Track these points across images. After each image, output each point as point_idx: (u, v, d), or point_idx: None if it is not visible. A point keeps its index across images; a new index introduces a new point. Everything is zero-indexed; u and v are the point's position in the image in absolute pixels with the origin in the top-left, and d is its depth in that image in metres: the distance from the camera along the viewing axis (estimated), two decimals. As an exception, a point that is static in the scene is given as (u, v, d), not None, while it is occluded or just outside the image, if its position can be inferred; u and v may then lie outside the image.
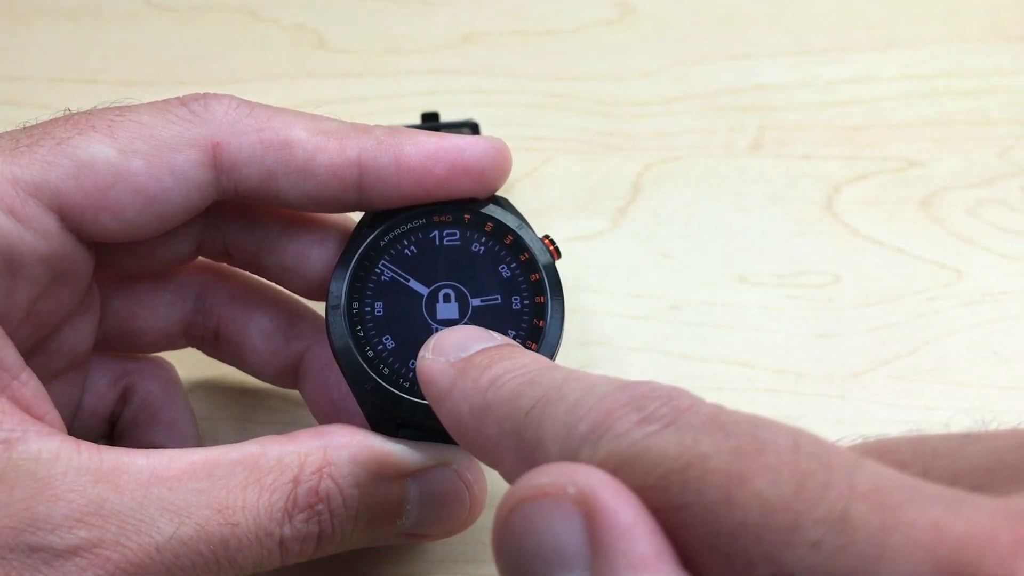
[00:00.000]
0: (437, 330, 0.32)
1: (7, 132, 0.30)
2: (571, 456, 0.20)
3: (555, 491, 0.19)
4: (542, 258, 0.33)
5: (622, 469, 0.19)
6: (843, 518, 0.16)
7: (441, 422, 0.26)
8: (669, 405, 0.20)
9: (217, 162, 0.31)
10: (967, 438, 0.20)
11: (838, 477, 0.17)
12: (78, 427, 0.36)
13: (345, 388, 0.33)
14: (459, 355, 0.26)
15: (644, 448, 0.19)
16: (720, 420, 0.19)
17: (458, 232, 0.33)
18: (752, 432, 0.19)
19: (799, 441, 0.18)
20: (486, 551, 0.36)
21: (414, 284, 0.32)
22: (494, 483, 0.34)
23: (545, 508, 0.19)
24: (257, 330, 0.36)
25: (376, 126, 0.32)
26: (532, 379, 0.23)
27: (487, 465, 0.24)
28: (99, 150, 0.30)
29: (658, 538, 0.18)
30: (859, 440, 0.21)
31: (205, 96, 0.32)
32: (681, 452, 0.19)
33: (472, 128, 0.45)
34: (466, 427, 0.24)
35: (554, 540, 0.19)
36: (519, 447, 0.22)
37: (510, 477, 0.23)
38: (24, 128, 0.30)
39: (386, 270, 0.32)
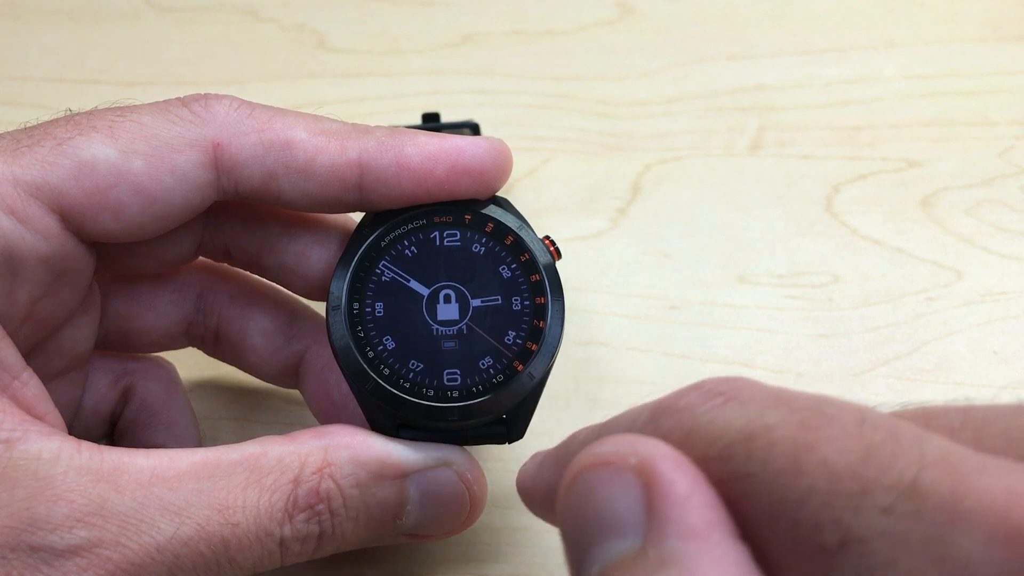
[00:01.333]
0: (437, 331, 0.32)
1: (8, 132, 0.30)
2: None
3: (617, 460, 0.19)
4: (542, 259, 0.33)
5: (686, 441, 0.20)
6: (914, 485, 0.17)
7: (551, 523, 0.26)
8: (731, 385, 0.20)
9: (218, 163, 0.31)
10: (1018, 409, 0.20)
11: (906, 447, 0.17)
12: (79, 427, 0.36)
13: (345, 388, 0.33)
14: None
15: (708, 421, 0.19)
16: (784, 397, 0.19)
17: (459, 233, 0.33)
18: (818, 407, 0.19)
19: (865, 415, 0.18)
20: (487, 551, 0.36)
21: (415, 285, 0.32)
22: (494, 483, 0.34)
23: (606, 477, 0.19)
24: (257, 330, 0.36)
25: (377, 127, 0.32)
26: (601, 425, 0.24)
27: None
28: (100, 150, 0.30)
29: (713, 510, 0.18)
30: (898, 407, 0.21)
31: (206, 96, 0.32)
32: (746, 424, 0.19)
33: (472, 129, 0.45)
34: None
35: (612, 508, 0.19)
36: None
37: None
38: (25, 128, 0.30)
39: (387, 270, 0.32)
